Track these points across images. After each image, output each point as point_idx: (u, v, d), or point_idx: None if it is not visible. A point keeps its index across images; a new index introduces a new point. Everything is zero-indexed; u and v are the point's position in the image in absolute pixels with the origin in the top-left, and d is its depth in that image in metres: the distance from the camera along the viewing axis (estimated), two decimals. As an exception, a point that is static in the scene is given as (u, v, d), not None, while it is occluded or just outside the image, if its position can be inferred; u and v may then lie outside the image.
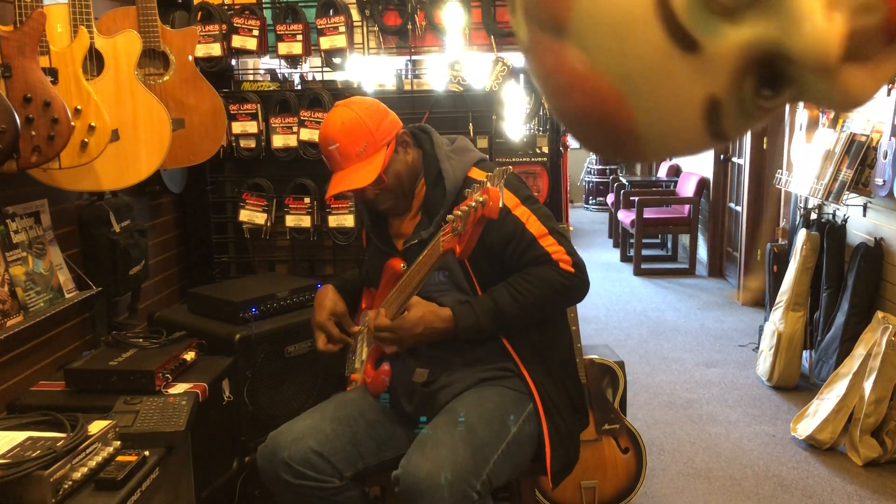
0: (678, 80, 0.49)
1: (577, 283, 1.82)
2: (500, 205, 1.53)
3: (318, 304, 2.04)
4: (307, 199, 2.97)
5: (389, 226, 2.01)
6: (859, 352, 3.16)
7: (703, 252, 6.60)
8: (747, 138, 5.40)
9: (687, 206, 6.61)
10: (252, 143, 2.99)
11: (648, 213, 6.65)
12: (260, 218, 3.01)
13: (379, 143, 1.85)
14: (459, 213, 1.58)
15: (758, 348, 4.11)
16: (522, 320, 1.82)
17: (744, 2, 0.47)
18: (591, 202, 10.14)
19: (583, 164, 10.20)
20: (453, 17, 2.90)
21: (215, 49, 2.91)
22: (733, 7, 0.47)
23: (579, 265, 1.82)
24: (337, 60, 2.95)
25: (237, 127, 2.97)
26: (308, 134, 2.91)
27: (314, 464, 1.77)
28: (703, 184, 6.53)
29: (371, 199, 1.89)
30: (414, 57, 3.10)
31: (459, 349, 1.86)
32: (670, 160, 6.96)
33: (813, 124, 3.91)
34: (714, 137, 0.53)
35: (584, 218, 9.56)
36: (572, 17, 0.50)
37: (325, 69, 3.02)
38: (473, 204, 1.55)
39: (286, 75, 3.39)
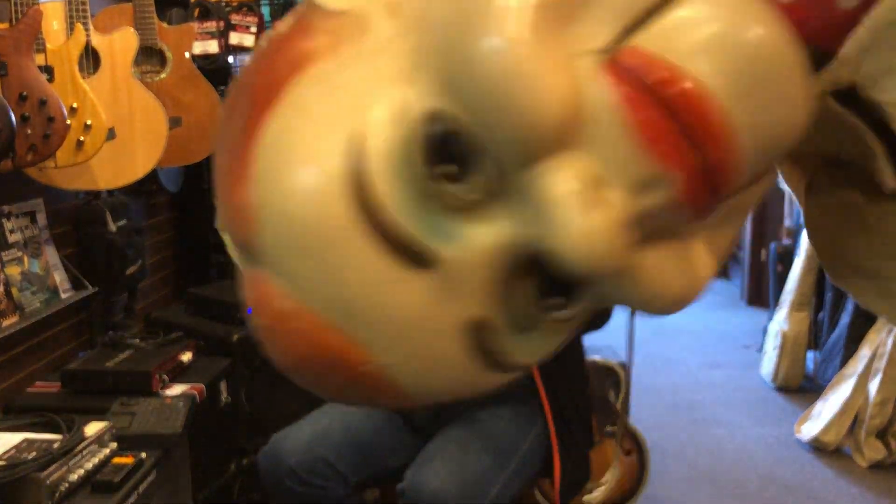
0: (417, 306, 0.36)
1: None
2: None
3: None
4: (307, 199, 2.95)
5: None
6: (864, 352, 3.13)
7: (705, 252, 6.57)
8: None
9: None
10: (251, 143, 2.97)
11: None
12: (259, 218, 2.99)
13: None
14: None
15: (762, 349, 4.08)
16: None
17: (480, 195, 0.35)
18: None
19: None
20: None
21: (213, 46, 2.88)
22: (469, 202, 0.35)
23: None
24: (337, 59, 2.93)
25: (236, 126, 2.95)
26: (308, 133, 2.89)
27: (321, 472, 1.73)
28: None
29: None
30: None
31: None
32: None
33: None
34: (496, 368, 0.39)
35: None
36: (259, 236, 0.37)
37: (324, 68, 3.00)
38: None
39: (286, 74, 3.37)
